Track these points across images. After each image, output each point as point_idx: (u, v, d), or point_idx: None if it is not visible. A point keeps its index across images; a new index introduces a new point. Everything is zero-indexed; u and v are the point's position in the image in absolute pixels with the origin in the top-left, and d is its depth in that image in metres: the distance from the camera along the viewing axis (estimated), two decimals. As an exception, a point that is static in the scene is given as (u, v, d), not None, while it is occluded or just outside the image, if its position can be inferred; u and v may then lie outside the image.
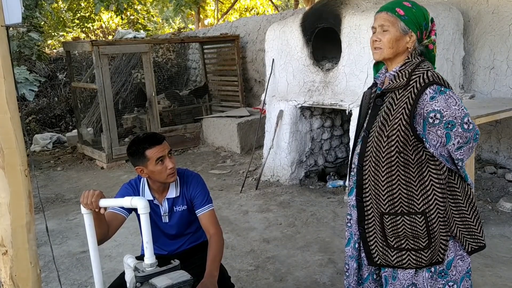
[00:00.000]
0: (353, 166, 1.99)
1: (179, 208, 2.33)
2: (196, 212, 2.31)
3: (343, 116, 5.48)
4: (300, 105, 5.03)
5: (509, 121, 4.69)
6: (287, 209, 4.43)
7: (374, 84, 1.96)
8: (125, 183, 2.38)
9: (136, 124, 7.89)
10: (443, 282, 1.82)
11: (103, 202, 2.00)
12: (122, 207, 2.28)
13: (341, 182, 4.96)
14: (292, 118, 5.07)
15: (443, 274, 1.82)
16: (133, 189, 2.33)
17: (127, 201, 1.92)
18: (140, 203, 1.89)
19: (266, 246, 3.66)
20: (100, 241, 2.15)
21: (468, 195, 1.84)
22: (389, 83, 1.83)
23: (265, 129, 5.55)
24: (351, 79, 4.47)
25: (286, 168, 5.16)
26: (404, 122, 1.74)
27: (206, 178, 5.66)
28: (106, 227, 2.15)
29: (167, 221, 2.35)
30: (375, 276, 1.98)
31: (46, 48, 12.37)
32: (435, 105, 1.69)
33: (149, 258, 1.79)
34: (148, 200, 2.32)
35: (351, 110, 4.46)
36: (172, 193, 2.32)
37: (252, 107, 7.77)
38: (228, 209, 4.55)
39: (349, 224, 2.04)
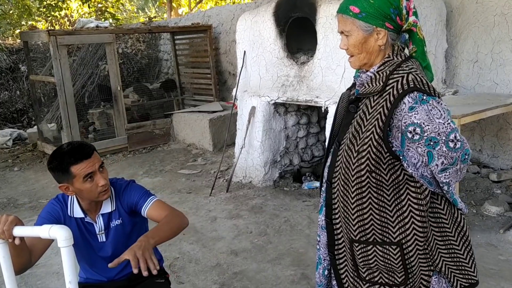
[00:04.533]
0: (323, 180, 1.69)
1: (113, 224, 1.98)
2: (142, 213, 1.95)
3: (319, 112, 5.16)
4: (273, 101, 4.67)
5: (493, 118, 4.44)
6: (258, 214, 4.09)
7: (354, 85, 1.63)
8: (52, 199, 1.99)
9: (103, 120, 7.41)
10: None
11: (18, 231, 1.63)
12: (50, 222, 1.90)
13: (317, 184, 4.65)
14: (265, 115, 4.72)
15: None
16: (61, 206, 1.95)
17: (45, 231, 1.56)
18: (60, 233, 1.53)
19: (234, 259, 3.32)
20: (21, 270, 1.78)
21: (457, 222, 1.54)
22: (365, 86, 1.50)
23: (236, 126, 5.19)
24: (327, 73, 4.13)
25: (259, 168, 4.81)
26: (377, 136, 1.42)
27: (174, 179, 5.30)
28: (28, 255, 1.77)
29: (104, 239, 1.99)
30: None
31: (10, 38, 11.69)
32: (415, 117, 1.37)
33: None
34: (79, 218, 1.96)
35: (327, 107, 4.13)
36: (107, 207, 1.96)
37: (226, 102, 7.39)
38: (195, 215, 4.19)
39: (317, 247, 1.75)
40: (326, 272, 1.74)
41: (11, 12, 12.87)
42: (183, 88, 8.28)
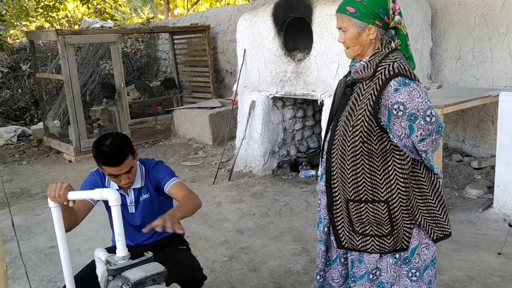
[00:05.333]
0: (324, 153, 2.02)
1: (142, 198, 2.32)
2: (164, 189, 2.29)
3: (314, 106, 5.52)
4: (272, 96, 5.02)
5: (474, 111, 4.83)
6: (260, 199, 4.44)
7: (349, 73, 1.98)
8: (92, 171, 2.33)
9: (105, 116, 7.70)
10: (407, 268, 1.87)
11: (72, 195, 1.95)
12: None
13: (313, 172, 5.00)
14: (264, 108, 5.07)
15: (407, 261, 1.87)
16: (100, 178, 2.30)
17: (97, 194, 1.88)
18: (111, 195, 1.84)
19: (240, 237, 3.66)
20: (68, 230, 2.11)
21: (434, 184, 1.87)
22: (359, 73, 1.84)
23: (237, 120, 5.53)
24: (323, 69, 4.49)
25: (258, 158, 5.16)
26: (368, 113, 1.75)
27: (178, 170, 5.61)
28: (74, 217, 2.13)
29: (134, 211, 2.33)
30: (342, 260, 2.03)
31: (8, 38, 11.90)
32: (399, 97, 1.70)
33: (121, 250, 1.75)
34: (115, 189, 2.29)
35: (322, 101, 4.49)
36: (138, 183, 2.31)
37: (224, 98, 7.72)
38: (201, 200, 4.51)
39: (319, 209, 2.08)
40: (325, 229, 2.07)
41: (4, 12, 13.04)
42: (181, 86, 8.59)
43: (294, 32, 5.00)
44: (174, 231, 1.88)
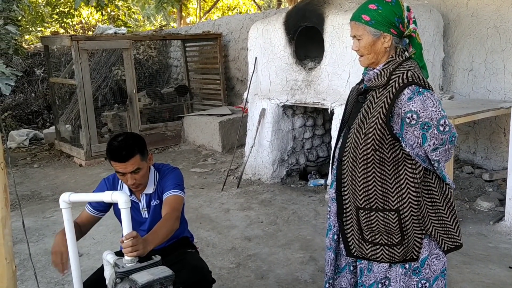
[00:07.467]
0: (334, 160, 2.01)
1: (153, 203, 2.32)
2: (163, 199, 2.25)
3: (324, 115, 5.51)
4: (282, 104, 5.03)
5: (486, 122, 4.79)
6: (268, 207, 4.43)
7: (362, 81, 1.97)
8: (104, 178, 2.35)
9: (116, 122, 7.76)
10: (417, 279, 1.84)
11: (83, 197, 1.97)
12: (99, 206, 2.29)
13: (322, 181, 4.98)
14: (274, 116, 5.07)
15: (417, 271, 1.85)
16: (109, 184, 2.32)
17: (108, 196, 1.89)
18: (121, 197, 1.85)
19: (248, 244, 3.64)
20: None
21: (445, 195, 1.85)
22: (372, 81, 1.84)
23: (247, 127, 5.54)
24: (334, 78, 4.49)
25: (267, 166, 5.15)
26: (381, 121, 1.74)
27: (187, 176, 5.62)
28: (79, 232, 2.18)
29: (146, 216, 2.33)
30: (351, 268, 2.01)
31: (24, 43, 12.09)
32: (412, 105, 1.69)
33: (130, 253, 1.75)
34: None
35: (333, 109, 4.48)
36: (150, 188, 2.30)
37: (234, 106, 7.74)
38: (209, 207, 4.52)
39: (328, 216, 2.07)
40: (335, 237, 2.06)
41: (20, 18, 13.26)
42: (192, 93, 8.64)
43: (305, 41, 5.01)
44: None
